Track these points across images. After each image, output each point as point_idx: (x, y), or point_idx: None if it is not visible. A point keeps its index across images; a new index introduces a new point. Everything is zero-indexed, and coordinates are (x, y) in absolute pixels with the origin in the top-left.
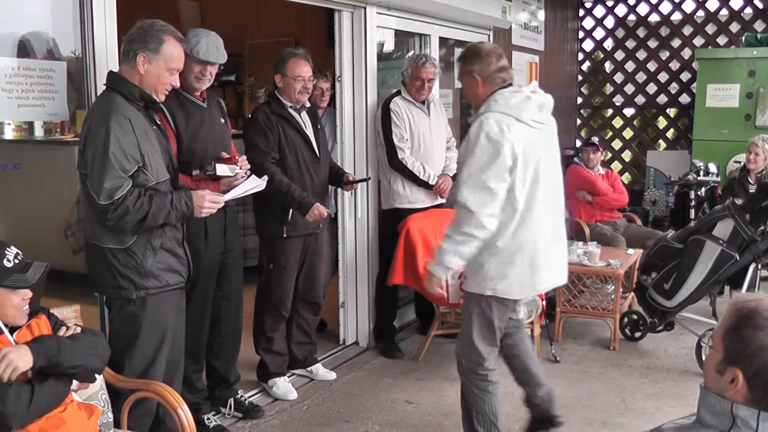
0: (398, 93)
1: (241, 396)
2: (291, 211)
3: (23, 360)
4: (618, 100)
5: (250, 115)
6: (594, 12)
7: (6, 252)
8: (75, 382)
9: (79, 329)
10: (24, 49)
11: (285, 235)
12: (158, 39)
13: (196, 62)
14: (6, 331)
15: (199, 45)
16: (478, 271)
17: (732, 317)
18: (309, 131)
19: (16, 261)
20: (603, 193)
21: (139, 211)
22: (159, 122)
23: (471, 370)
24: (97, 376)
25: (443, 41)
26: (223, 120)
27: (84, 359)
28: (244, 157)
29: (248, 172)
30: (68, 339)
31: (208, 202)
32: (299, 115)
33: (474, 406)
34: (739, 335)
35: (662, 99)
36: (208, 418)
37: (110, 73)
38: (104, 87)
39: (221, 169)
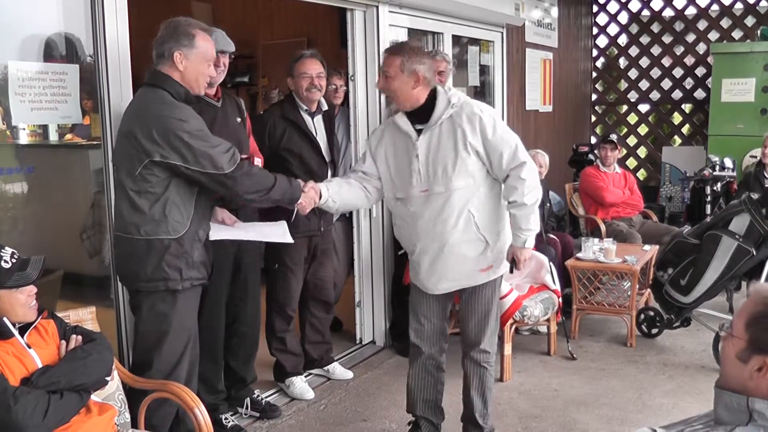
0: None
1: (258, 396)
2: (294, 212)
3: None
4: (632, 96)
5: (262, 112)
6: (607, 8)
7: (2, 253)
8: None
9: (80, 338)
10: (50, 51)
11: None
12: (189, 34)
13: None
14: (17, 333)
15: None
16: (501, 252)
17: (759, 305)
18: (320, 136)
19: (14, 260)
20: (611, 204)
21: (266, 178)
22: None
23: (492, 355)
24: (107, 378)
25: (456, 39)
26: (239, 120)
27: (88, 376)
28: (260, 159)
29: None
30: (69, 357)
31: (311, 200)
32: (312, 119)
33: (490, 389)
34: None
35: (677, 94)
36: (226, 418)
37: (155, 71)
38: (145, 85)
39: None
